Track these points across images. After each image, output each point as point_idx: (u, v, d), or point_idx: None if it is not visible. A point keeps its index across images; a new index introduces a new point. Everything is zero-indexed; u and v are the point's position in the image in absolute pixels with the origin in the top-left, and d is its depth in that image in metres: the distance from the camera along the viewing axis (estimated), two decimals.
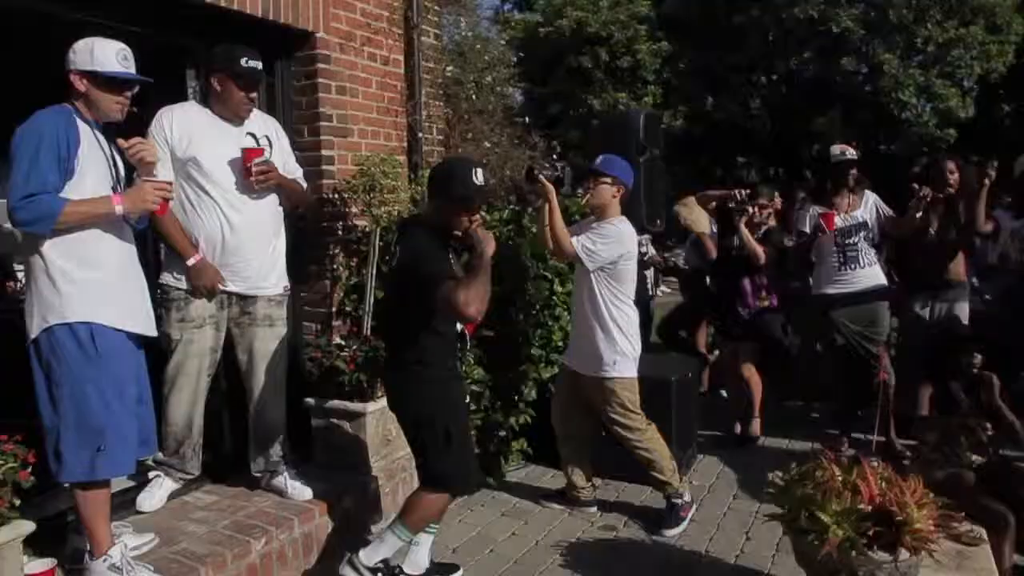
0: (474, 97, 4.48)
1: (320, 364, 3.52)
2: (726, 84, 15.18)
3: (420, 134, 4.30)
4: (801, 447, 4.42)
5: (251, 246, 3.03)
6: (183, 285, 2.95)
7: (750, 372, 4.65)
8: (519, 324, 4.05)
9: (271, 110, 3.79)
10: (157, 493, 3.11)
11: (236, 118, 3.01)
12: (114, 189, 2.45)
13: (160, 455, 3.17)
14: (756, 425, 4.67)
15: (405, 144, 4.36)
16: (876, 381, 4.07)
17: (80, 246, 2.37)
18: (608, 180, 3.38)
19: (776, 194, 5.21)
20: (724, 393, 5.36)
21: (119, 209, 2.39)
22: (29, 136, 2.30)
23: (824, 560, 2.38)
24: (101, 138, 2.47)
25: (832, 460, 2.65)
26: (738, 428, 4.74)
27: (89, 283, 2.37)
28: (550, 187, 3.25)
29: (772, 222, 4.89)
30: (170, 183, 2.55)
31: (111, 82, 2.39)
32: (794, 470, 2.70)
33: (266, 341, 3.14)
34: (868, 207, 4.24)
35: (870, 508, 2.42)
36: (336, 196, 3.84)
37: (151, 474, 3.17)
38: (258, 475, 3.29)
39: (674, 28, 15.52)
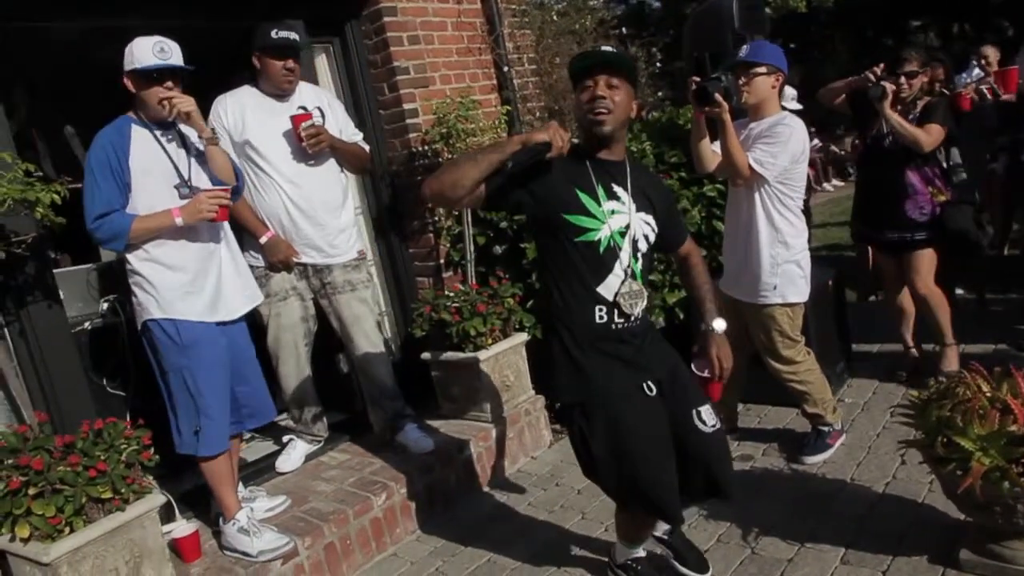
0: (555, 17, 4.18)
1: (430, 319, 3.56)
2: None
3: (506, 68, 4.11)
4: (980, 351, 3.84)
5: (315, 218, 3.09)
6: (260, 262, 3.07)
7: (930, 289, 3.56)
8: None
9: (348, 75, 3.81)
10: (293, 455, 3.34)
11: (282, 92, 3.04)
12: (179, 188, 2.53)
13: (290, 421, 3.40)
14: (951, 356, 3.61)
15: (494, 81, 4.20)
16: None
17: (157, 251, 2.50)
18: (763, 69, 2.88)
19: (988, 52, 4.15)
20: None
21: (179, 221, 2.46)
22: (89, 157, 2.44)
23: (969, 493, 2.04)
24: (163, 138, 2.54)
25: (979, 374, 2.25)
26: (910, 351, 3.82)
27: (167, 285, 2.51)
28: (725, 104, 2.72)
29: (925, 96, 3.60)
30: (226, 189, 2.56)
31: (149, 76, 2.41)
32: (932, 387, 2.33)
33: (351, 306, 3.21)
34: None
35: None
36: (425, 148, 3.80)
37: (285, 438, 3.42)
38: (380, 432, 3.42)
39: None
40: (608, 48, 2.03)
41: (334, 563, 2.82)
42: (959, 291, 4.79)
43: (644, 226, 2.12)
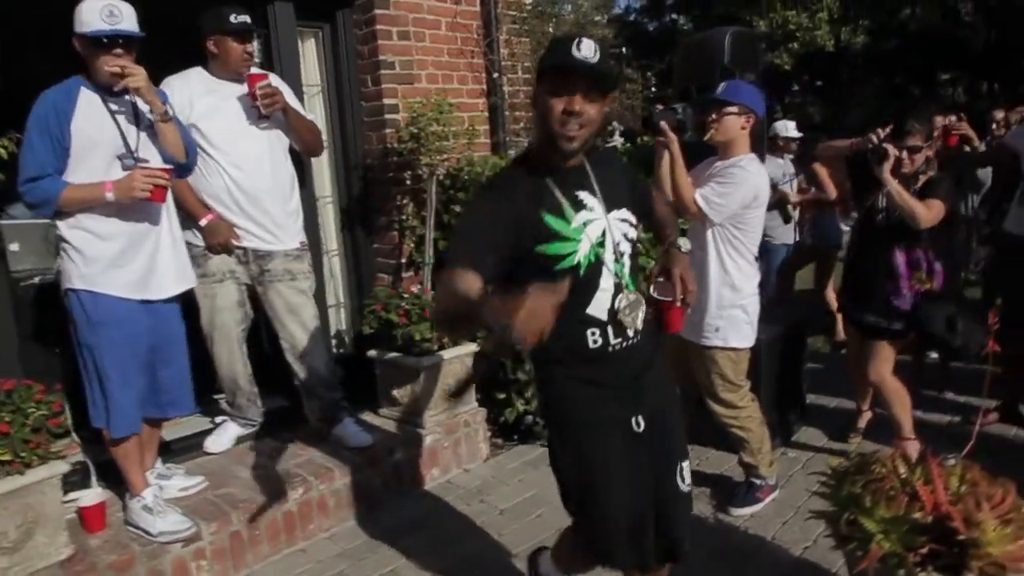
0: (551, 30, 4.13)
1: (379, 317, 3.53)
2: None
3: (496, 74, 4.06)
4: (935, 420, 3.77)
5: (261, 203, 3.04)
6: (200, 242, 3.03)
7: (882, 378, 3.26)
8: None
9: (335, 62, 3.77)
10: (222, 437, 3.31)
11: (236, 75, 3.00)
12: (123, 159, 2.44)
13: (224, 403, 3.37)
14: (909, 448, 3.08)
15: (484, 86, 4.15)
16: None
17: (88, 220, 2.43)
18: (734, 109, 2.85)
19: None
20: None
21: (109, 196, 2.36)
22: (30, 118, 2.34)
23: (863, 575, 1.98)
24: (113, 105, 2.45)
25: (900, 453, 2.19)
26: (864, 413, 3.70)
27: (94, 255, 2.43)
28: (672, 136, 2.74)
29: (931, 170, 3.24)
30: (165, 170, 2.45)
31: (96, 43, 2.30)
32: (853, 459, 2.27)
33: (288, 295, 3.16)
34: None
35: (930, 519, 1.96)
36: (401, 145, 3.75)
37: (218, 419, 3.39)
38: (316, 423, 3.38)
39: None
40: (591, 52, 1.65)
41: (238, 552, 2.79)
42: (932, 355, 4.70)
43: (621, 224, 1.86)
